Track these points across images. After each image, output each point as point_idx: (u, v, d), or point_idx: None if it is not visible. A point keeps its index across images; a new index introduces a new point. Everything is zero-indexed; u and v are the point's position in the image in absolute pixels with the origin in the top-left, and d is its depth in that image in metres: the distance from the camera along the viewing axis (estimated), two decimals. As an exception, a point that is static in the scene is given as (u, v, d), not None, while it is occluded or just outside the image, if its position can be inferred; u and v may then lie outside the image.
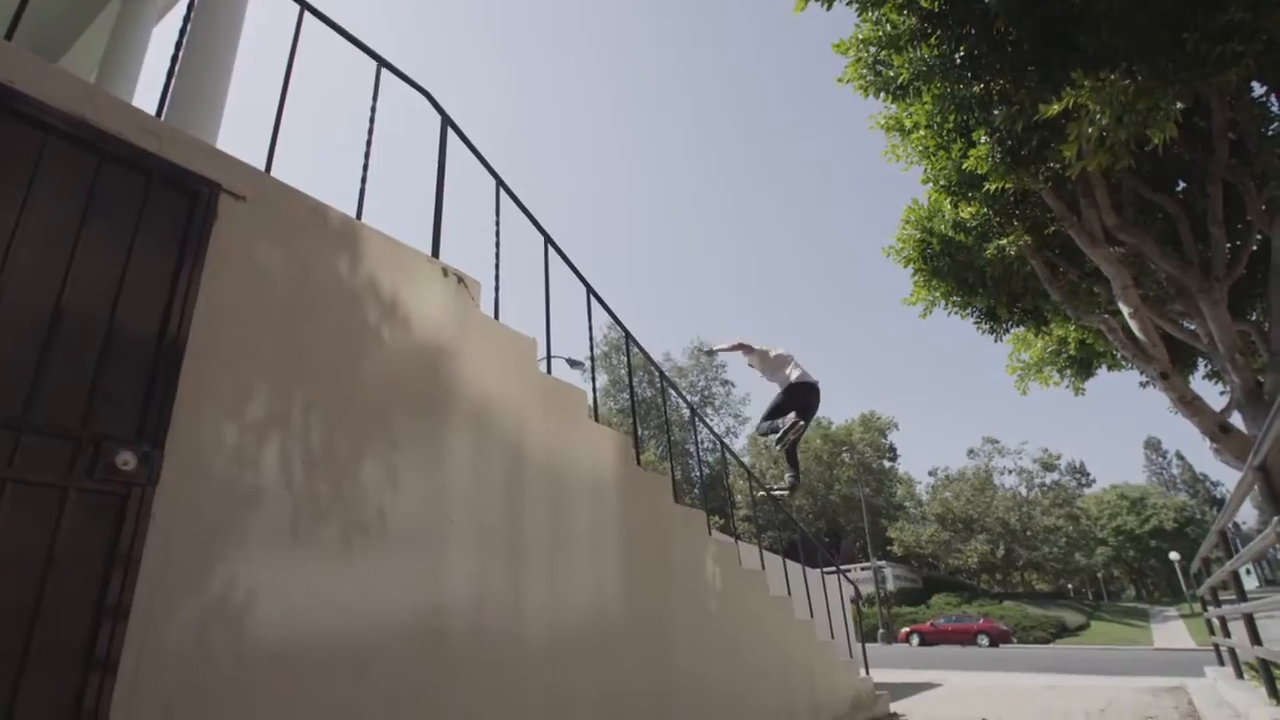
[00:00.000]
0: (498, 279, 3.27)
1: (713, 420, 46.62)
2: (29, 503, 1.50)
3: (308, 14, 2.63)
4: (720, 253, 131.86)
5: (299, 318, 2.17)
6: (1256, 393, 7.59)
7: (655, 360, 4.58)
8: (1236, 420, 8.06)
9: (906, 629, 30.10)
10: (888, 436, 51.69)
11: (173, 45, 2.37)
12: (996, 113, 7.23)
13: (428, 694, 2.22)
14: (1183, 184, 8.46)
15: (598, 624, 3.04)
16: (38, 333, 1.59)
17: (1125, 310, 8.27)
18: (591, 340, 4.02)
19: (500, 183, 3.43)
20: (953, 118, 7.88)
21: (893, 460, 52.25)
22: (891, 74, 8.08)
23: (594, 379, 4.03)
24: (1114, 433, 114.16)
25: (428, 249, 2.86)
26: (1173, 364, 8.43)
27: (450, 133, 3.20)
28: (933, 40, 7.44)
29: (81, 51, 7.69)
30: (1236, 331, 7.86)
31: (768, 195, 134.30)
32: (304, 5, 2.61)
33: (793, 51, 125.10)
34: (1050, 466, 50.35)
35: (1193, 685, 6.70)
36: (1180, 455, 71.75)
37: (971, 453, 51.21)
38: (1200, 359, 10.50)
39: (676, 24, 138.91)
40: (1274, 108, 7.33)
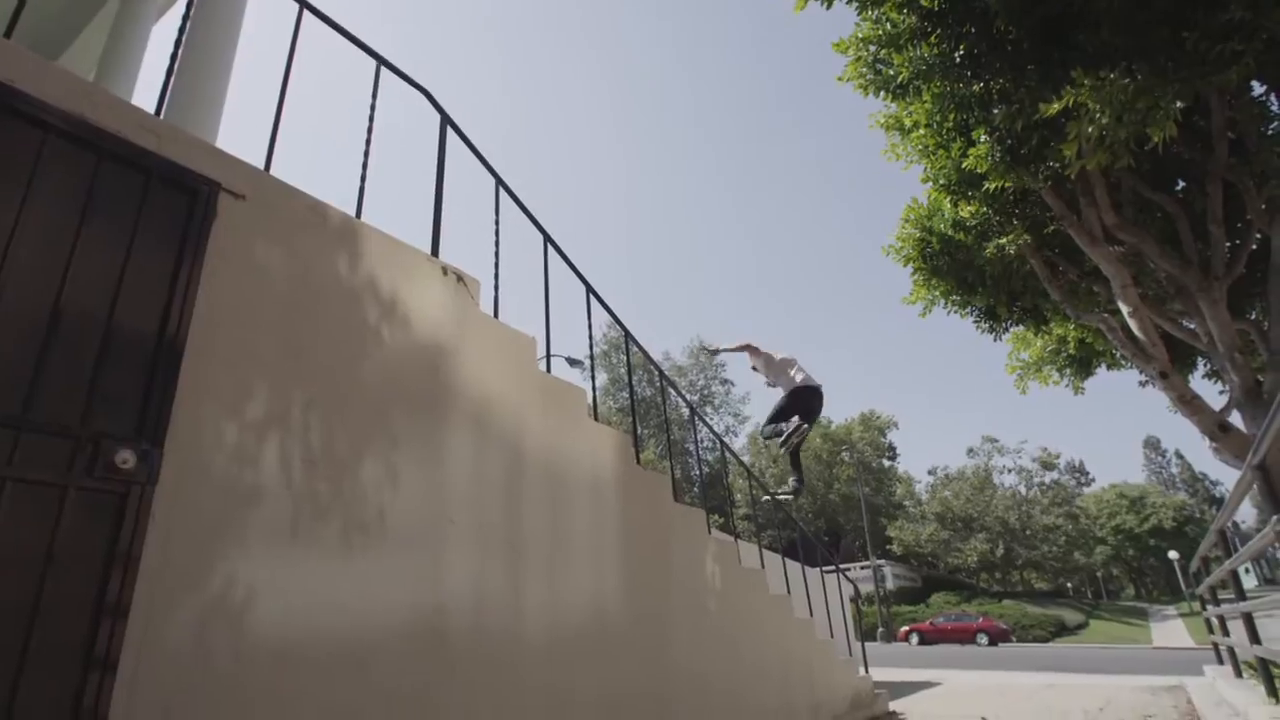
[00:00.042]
0: (497, 278, 3.27)
1: (712, 419, 46.64)
2: (28, 501, 1.50)
3: (307, 12, 2.63)
4: (720, 252, 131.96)
5: (298, 316, 2.17)
6: (1256, 392, 7.60)
7: (655, 359, 4.59)
8: (1236, 419, 8.07)
9: (906, 628, 30.13)
10: (887, 435, 51.76)
11: (172, 43, 2.37)
12: (996, 112, 7.23)
13: (427, 693, 2.22)
14: (1182, 183, 8.46)
15: (597, 623, 3.04)
16: (37, 331, 1.59)
17: (1124, 309, 8.27)
18: (591, 339, 4.03)
19: (499, 181, 3.43)
20: (952, 116, 7.87)
21: (892, 459, 52.32)
22: (891, 73, 8.07)
23: (593, 378, 4.03)
24: (1113, 432, 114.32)
25: (427, 247, 2.86)
26: (1172, 363, 8.43)
27: (449, 131, 3.20)
28: (932, 39, 7.43)
29: (80, 50, 7.68)
30: (1236, 330, 7.86)
31: (767, 194, 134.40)
32: (303, 4, 2.61)
33: (793, 51, 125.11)
34: (1049, 465, 50.43)
35: (1191, 684, 6.71)
36: (1179, 454, 71.92)
37: (971, 452, 51.39)
38: (1199, 358, 10.50)
39: (676, 23, 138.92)
40: (1274, 107, 7.33)
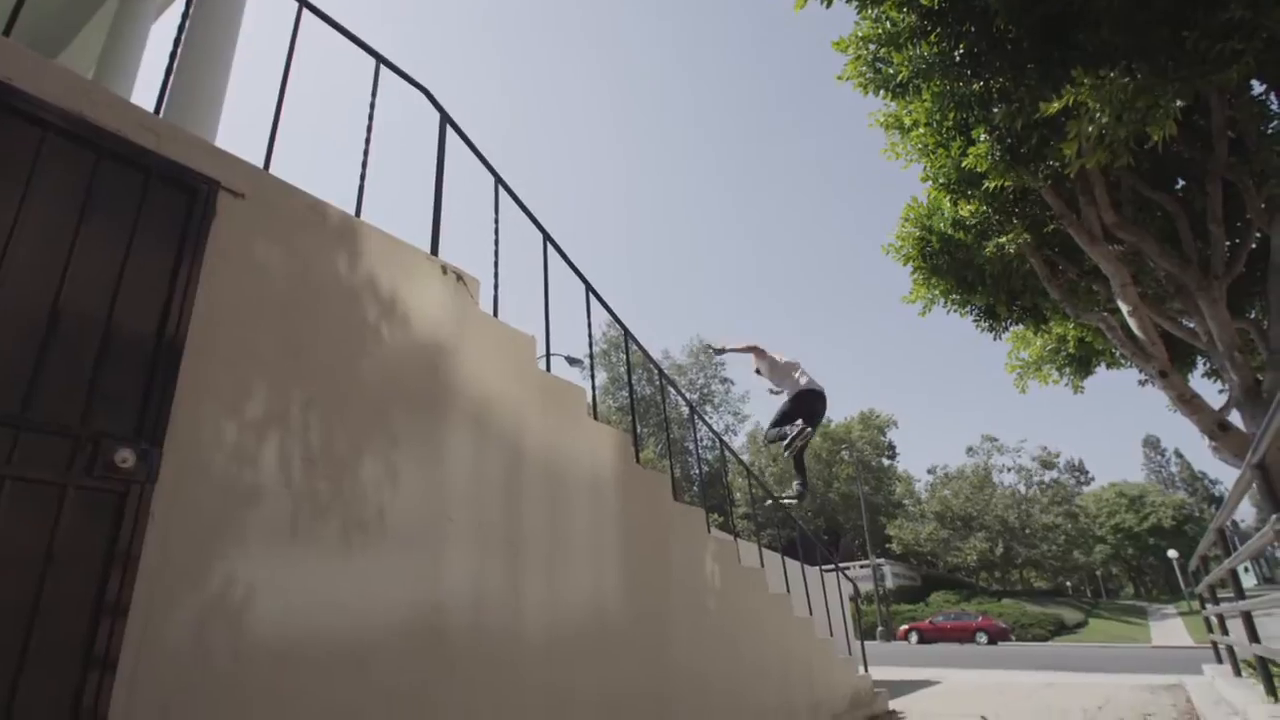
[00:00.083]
0: (497, 276, 3.27)
1: (712, 418, 46.63)
2: (28, 500, 1.50)
3: (306, 11, 2.62)
4: (719, 251, 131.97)
5: (298, 315, 2.16)
6: (1255, 391, 7.60)
7: (654, 358, 4.59)
8: (1235, 418, 8.07)
9: (905, 627, 30.16)
10: (887, 434, 51.78)
11: (171, 42, 2.36)
12: (996, 110, 7.22)
13: (427, 692, 2.22)
14: (1182, 182, 8.45)
15: (596, 622, 3.04)
16: (36, 330, 1.59)
17: (1124, 308, 8.27)
18: (590, 338, 4.02)
19: (499, 180, 3.42)
20: (952, 115, 7.87)
21: (892, 458, 52.33)
22: (891, 71, 8.06)
23: (593, 377, 4.02)
24: (1113, 431, 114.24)
25: (427, 246, 2.86)
26: (1171, 362, 8.43)
27: (449, 130, 3.20)
28: (932, 38, 7.42)
29: (80, 48, 7.68)
30: (1235, 329, 7.86)
31: (767, 193, 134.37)
32: (303, 2, 2.60)
33: (792, 50, 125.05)
34: (1049, 464, 50.44)
35: (1191, 683, 6.72)
36: (1179, 453, 71.94)
37: (970, 450, 51.38)
38: (1199, 357, 10.50)
39: (676, 22, 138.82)
40: (1273, 105, 7.32)
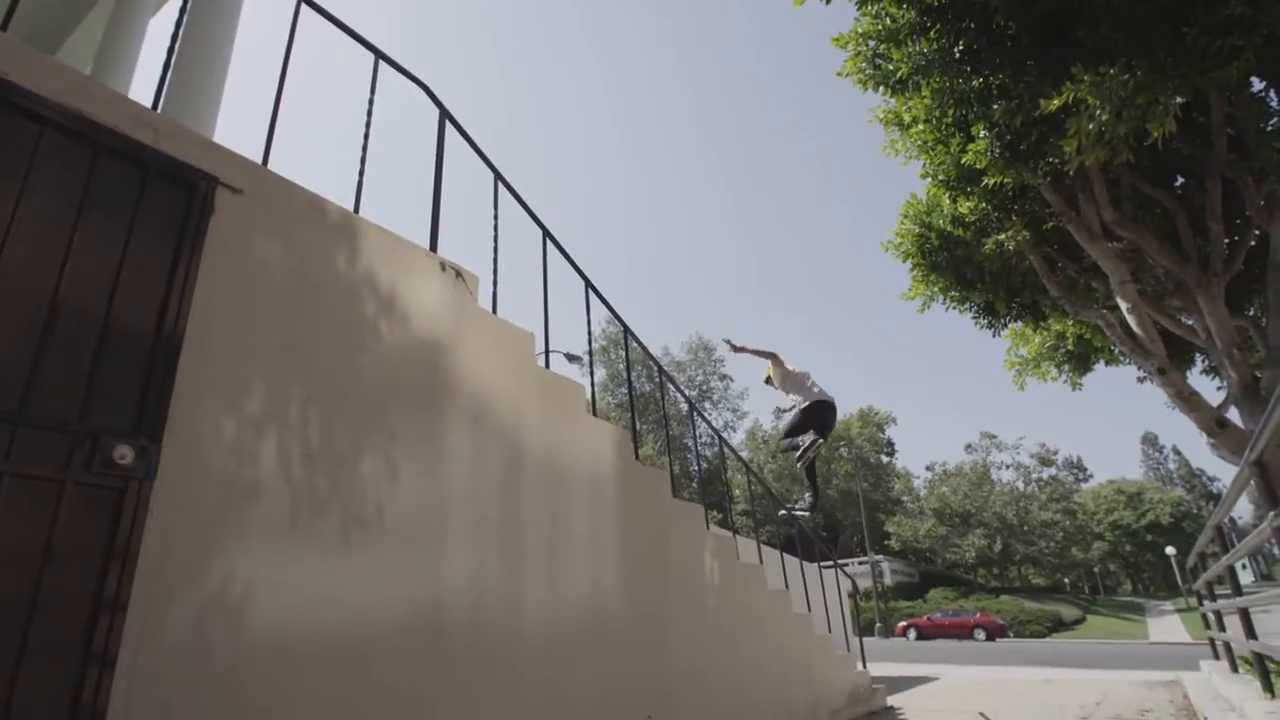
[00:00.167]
0: (496, 273, 3.26)
1: (711, 415, 46.67)
2: (26, 496, 1.50)
3: (305, 6, 2.61)
4: (719, 248, 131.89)
5: (297, 311, 2.16)
6: (1253, 388, 7.61)
7: (653, 355, 4.58)
8: (1233, 415, 8.07)
9: (904, 623, 30.20)
10: (885, 431, 51.85)
11: (169, 37, 2.35)
12: (995, 107, 7.20)
13: (426, 688, 2.22)
14: (1181, 179, 8.44)
15: (596, 619, 3.05)
16: (34, 326, 1.59)
17: (1123, 305, 8.27)
18: (590, 335, 4.01)
19: (498, 176, 3.41)
20: (951, 112, 7.85)
21: (890, 455, 52.41)
22: (890, 68, 8.04)
23: (592, 373, 4.02)
24: (1111, 428, 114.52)
25: (426, 243, 2.85)
26: (1170, 359, 8.43)
27: (448, 126, 3.19)
28: (932, 34, 7.40)
29: (77, 44, 7.66)
30: (1234, 327, 7.86)
31: (767, 190, 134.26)
32: (301, -3, 2.59)
33: (793, 47, 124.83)
34: (1047, 461, 50.49)
35: (1188, 679, 6.74)
36: (1177, 450, 72.10)
37: (969, 448, 51.36)
38: (1198, 354, 10.50)
39: (676, 19, 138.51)
40: (1273, 103, 7.31)
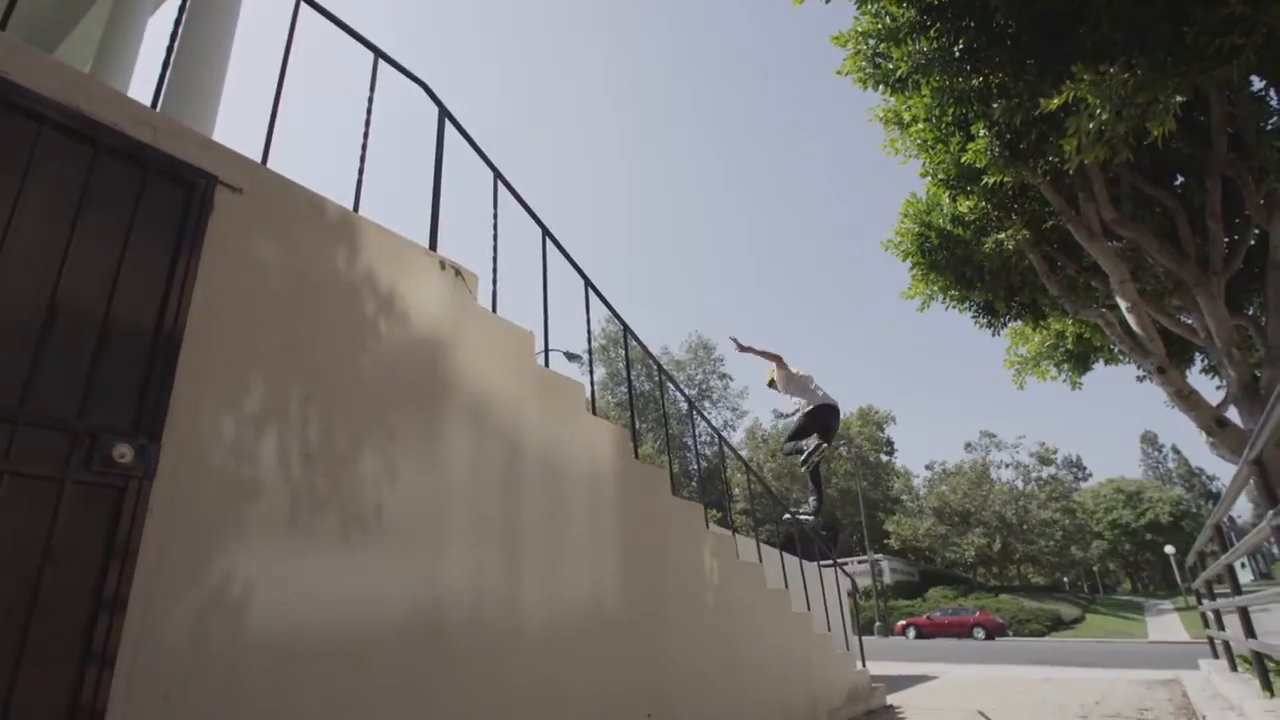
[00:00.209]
0: (495, 272, 3.26)
1: (710, 414, 46.65)
2: (25, 495, 1.50)
3: (304, 4, 2.61)
4: (719, 247, 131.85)
5: (296, 310, 2.16)
6: (1253, 387, 7.61)
7: (653, 354, 4.58)
8: (1233, 414, 8.08)
9: (903, 622, 30.21)
10: (885, 430, 51.86)
11: (168, 36, 2.35)
12: (995, 106, 7.20)
13: (426, 687, 2.22)
14: (1181, 178, 8.45)
15: (595, 617, 3.05)
16: (33, 325, 1.59)
17: (1123, 304, 8.28)
18: (589, 334, 4.02)
19: (498, 175, 3.41)
20: (951, 111, 7.85)
21: (890, 454, 52.42)
22: (890, 66, 8.04)
23: (591, 372, 4.03)
24: (1111, 427, 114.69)
25: (425, 241, 2.85)
26: (1170, 358, 8.43)
27: (448, 125, 3.18)
28: (932, 33, 7.40)
29: (76, 42, 7.65)
30: (1233, 326, 7.87)
31: (767, 190, 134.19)
32: (300, -4, 2.59)
33: (792, 46, 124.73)
34: (1047, 460, 50.49)
35: (1187, 678, 6.75)
36: (1176, 449, 72.21)
37: (969, 446, 51.38)
38: (1197, 353, 10.50)
39: (675, 18, 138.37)
40: (1273, 101, 7.31)
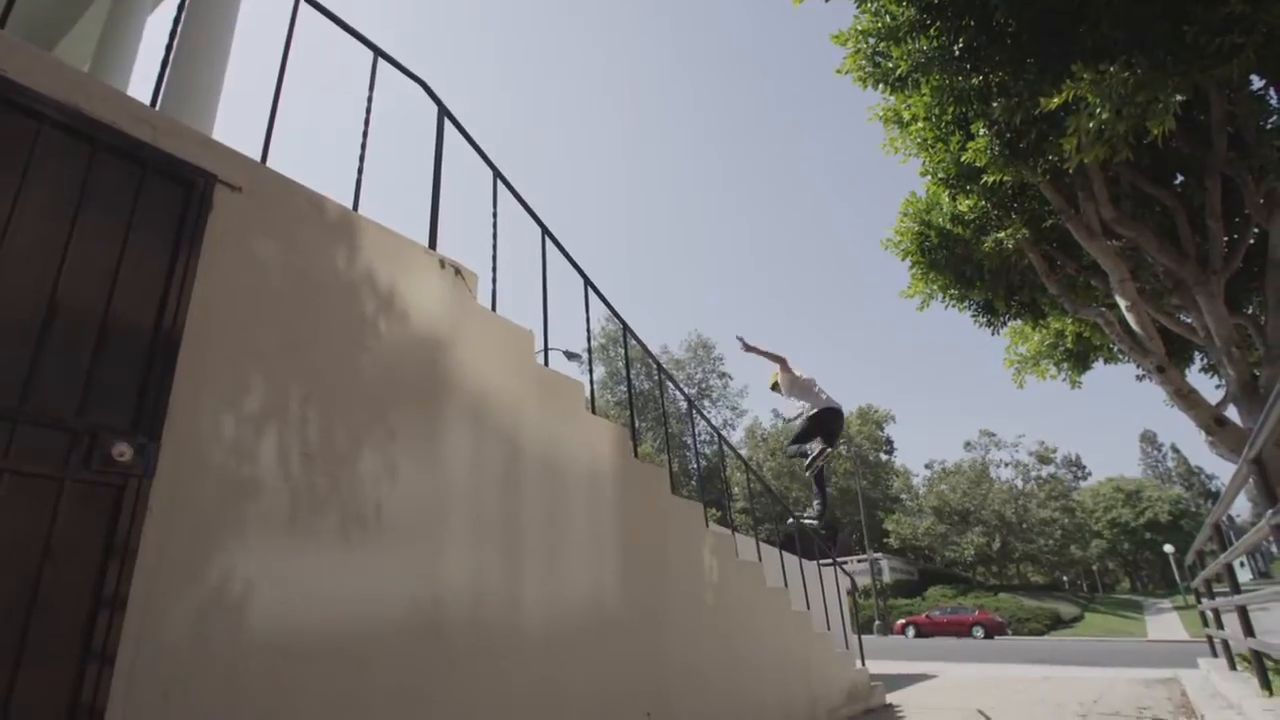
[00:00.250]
0: (495, 271, 3.26)
1: (710, 413, 46.65)
2: (25, 494, 1.50)
3: (304, 2, 2.60)
4: (718, 246, 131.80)
5: (296, 309, 2.16)
6: (1252, 386, 7.62)
7: (653, 353, 4.58)
8: (1232, 413, 8.09)
9: (902, 621, 30.23)
10: (884, 429, 51.87)
11: (167, 34, 2.35)
12: (995, 105, 7.20)
13: (425, 686, 2.22)
14: (1181, 177, 8.45)
15: (595, 616, 3.05)
16: (32, 323, 1.58)
17: (1122, 303, 8.28)
18: (589, 332, 4.02)
19: (497, 173, 3.41)
20: (951, 110, 7.85)
21: (889, 453, 52.43)
22: (890, 65, 8.04)
23: (591, 371, 4.03)
24: (1110, 426, 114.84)
25: (425, 240, 2.85)
26: (1169, 357, 8.44)
27: (447, 123, 3.18)
28: (932, 31, 7.40)
29: (75, 40, 7.64)
30: (1233, 325, 7.87)
31: (766, 188, 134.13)
32: (299, -6, 2.58)
33: (792, 44, 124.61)
34: (1046, 459, 50.50)
35: (1186, 676, 6.75)
36: (1176, 448, 72.31)
37: (968, 445, 51.38)
38: (1197, 352, 10.51)
39: (675, 17, 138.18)
40: (1273, 100, 7.31)
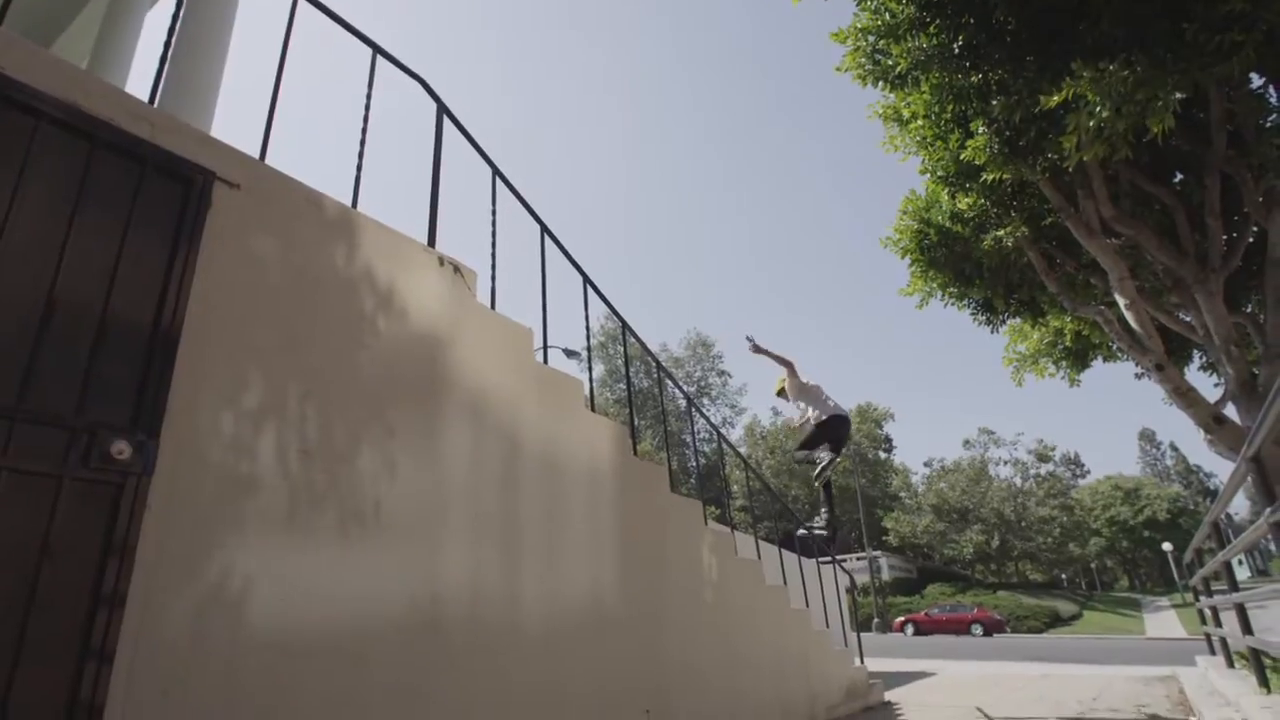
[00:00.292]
0: (494, 268, 3.26)
1: (709, 410, 46.67)
2: (24, 492, 1.50)
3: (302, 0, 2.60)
4: (718, 244, 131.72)
5: (294, 306, 2.16)
6: (1251, 384, 7.62)
7: (652, 351, 4.58)
8: (1231, 412, 8.09)
9: (901, 618, 30.28)
10: (884, 427, 51.91)
11: (166, 30, 2.34)
12: (995, 103, 7.19)
13: (424, 683, 2.23)
14: (1180, 175, 8.44)
15: (594, 614, 3.05)
16: (31, 321, 1.58)
17: (1121, 302, 8.27)
18: (588, 330, 4.02)
19: (496, 171, 3.41)
20: (950, 108, 7.84)
21: (888, 451, 52.49)
22: (890, 63, 8.03)
23: (590, 369, 4.03)
24: (1109, 424, 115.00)
25: (424, 238, 2.85)
26: (1168, 355, 8.44)
27: (446, 121, 3.18)
28: (931, 29, 7.39)
29: (73, 37, 7.62)
30: (1232, 323, 7.87)
31: (765, 187, 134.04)
32: (298, -9, 2.58)
33: (792, 42, 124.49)
34: (1045, 458, 50.53)
35: (1184, 674, 6.77)
36: (1174, 446, 72.42)
37: (967, 443, 51.38)
38: (1196, 351, 10.50)
39: (675, 17, 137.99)
40: (1272, 99, 7.30)
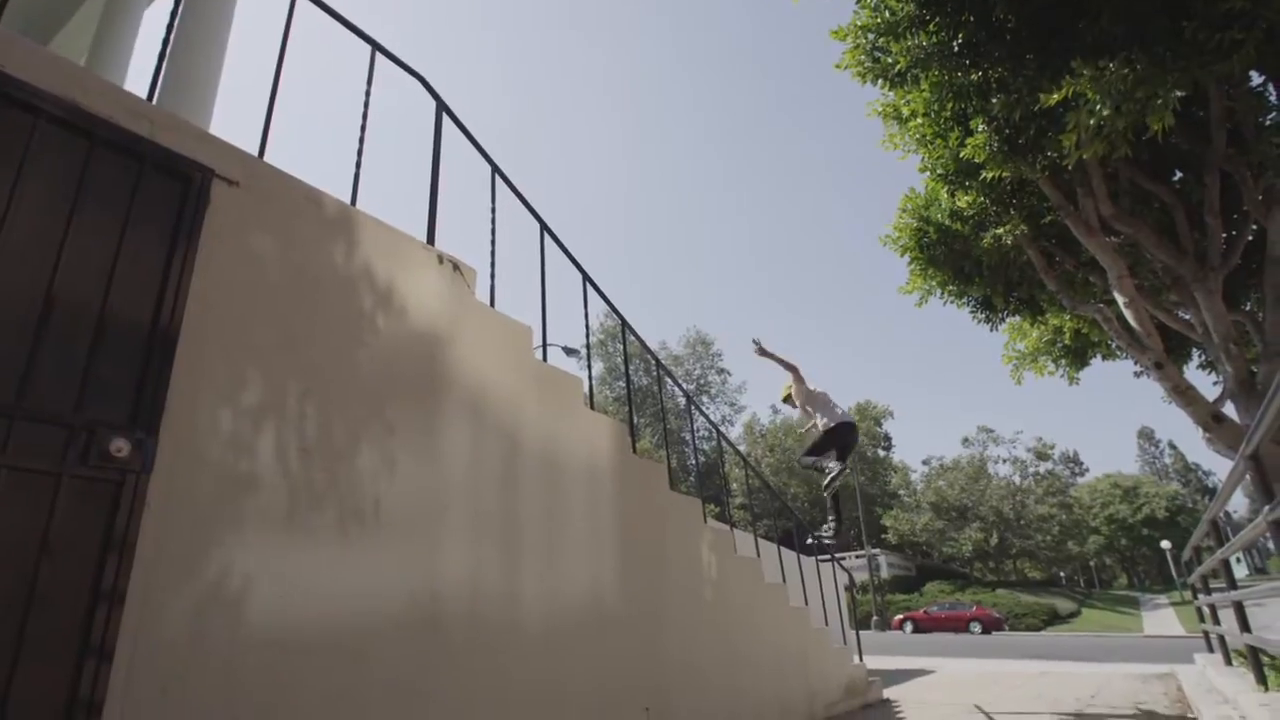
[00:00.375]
0: (493, 266, 3.26)
1: (709, 408, 46.69)
2: (23, 490, 1.50)
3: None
4: (717, 243, 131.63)
5: (293, 304, 2.16)
6: (1249, 383, 7.63)
7: (651, 349, 4.58)
8: (1229, 410, 8.09)
9: (900, 616, 30.33)
10: (883, 425, 51.95)
11: (164, 28, 2.34)
12: (994, 101, 7.18)
13: (424, 681, 2.23)
14: (1179, 174, 8.44)
15: (593, 612, 3.06)
16: (29, 319, 1.58)
17: (1120, 300, 8.28)
18: (588, 328, 4.02)
19: (495, 169, 3.40)
20: (950, 106, 7.83)
21: (887, 449, 52.55)
22: (889, 61, 8.02)
23: (589, 367, 4.03)
24: (1108, 422, 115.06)
25: (423, 236, 2.85)
26: (1167, 354, 8.44)
27: (445, 119, 3.17)
28: (931, 27, 7.38)
29: (72, 34, 7.61)
30: (1231, 321, 7.87)
31: (765, 185, 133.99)
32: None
33: (792, 41, 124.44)
34: (1044, 456, 50.55)
35: (1182, 672, 6.78)
36: (1173, 445, 72.50)
37: (966, 441, 51.41)
38: (1194, 349, 10.51)
39: (675, 17, 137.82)
40: (1272, 97, 7.30)
